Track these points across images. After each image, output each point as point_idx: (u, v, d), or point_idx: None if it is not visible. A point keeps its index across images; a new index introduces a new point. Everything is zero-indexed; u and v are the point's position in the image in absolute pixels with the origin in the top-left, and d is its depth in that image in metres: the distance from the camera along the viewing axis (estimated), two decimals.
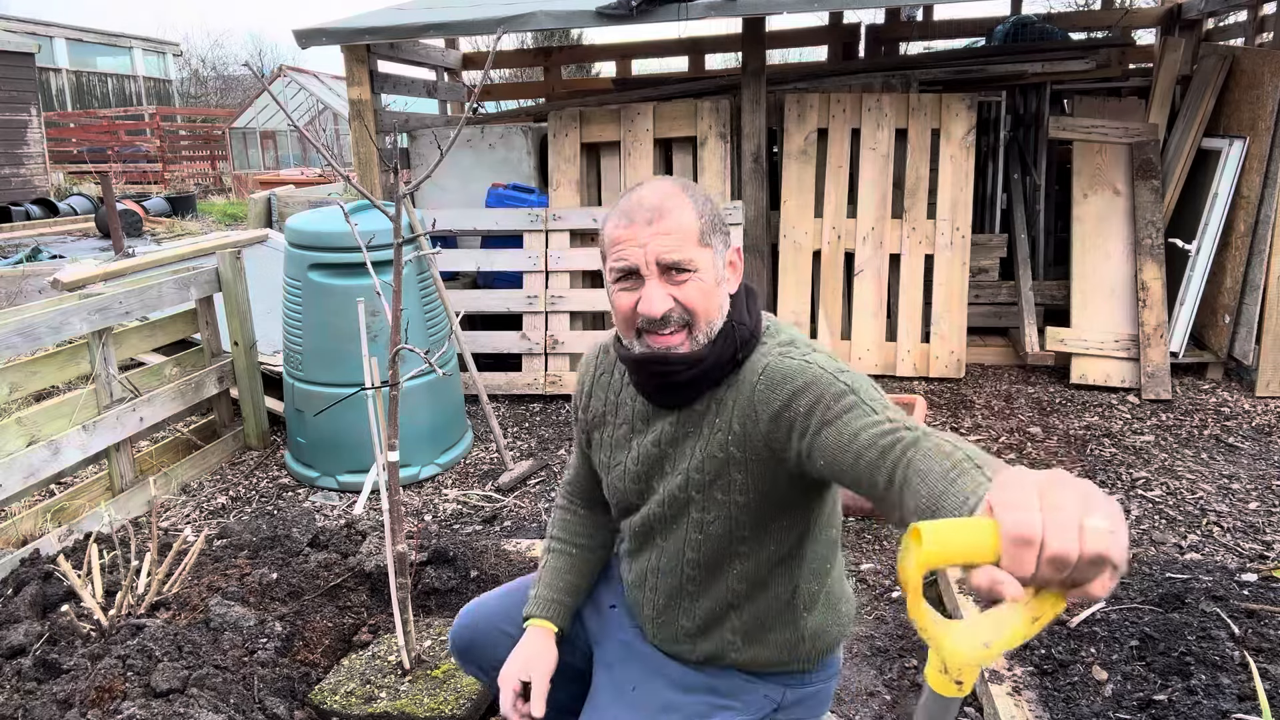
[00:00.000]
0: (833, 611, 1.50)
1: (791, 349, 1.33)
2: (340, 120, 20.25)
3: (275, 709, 2.00)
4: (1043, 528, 0.70)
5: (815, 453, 1.20)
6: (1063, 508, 0.71)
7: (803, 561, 1.43)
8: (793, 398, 1.25)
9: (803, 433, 1.23)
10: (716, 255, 1.34)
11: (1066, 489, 0.73)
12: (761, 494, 1.34)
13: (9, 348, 2.87)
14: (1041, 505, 0.71)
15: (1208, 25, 5.82)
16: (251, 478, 3.85)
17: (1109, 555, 0.70)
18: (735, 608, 1.44)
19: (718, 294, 1.34)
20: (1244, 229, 4.44)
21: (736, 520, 1.37)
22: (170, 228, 12.61)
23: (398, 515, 2.06)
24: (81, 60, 24.28)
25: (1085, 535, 0.70)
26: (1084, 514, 0.71)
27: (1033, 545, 0.70)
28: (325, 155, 1.83)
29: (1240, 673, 2.04)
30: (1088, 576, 0.71)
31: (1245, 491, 3.36)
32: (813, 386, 1.23)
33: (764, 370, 1.31)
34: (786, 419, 1.26)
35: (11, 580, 2.62)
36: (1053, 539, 0.70)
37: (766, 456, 1.31)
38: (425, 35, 4.65)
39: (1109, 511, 0.72)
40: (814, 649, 1.48)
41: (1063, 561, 0.70)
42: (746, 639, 1.46)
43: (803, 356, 1.29)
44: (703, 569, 1.43)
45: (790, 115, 4.94)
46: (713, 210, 1.35)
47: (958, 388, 4.64)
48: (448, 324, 3.85)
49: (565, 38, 16.56)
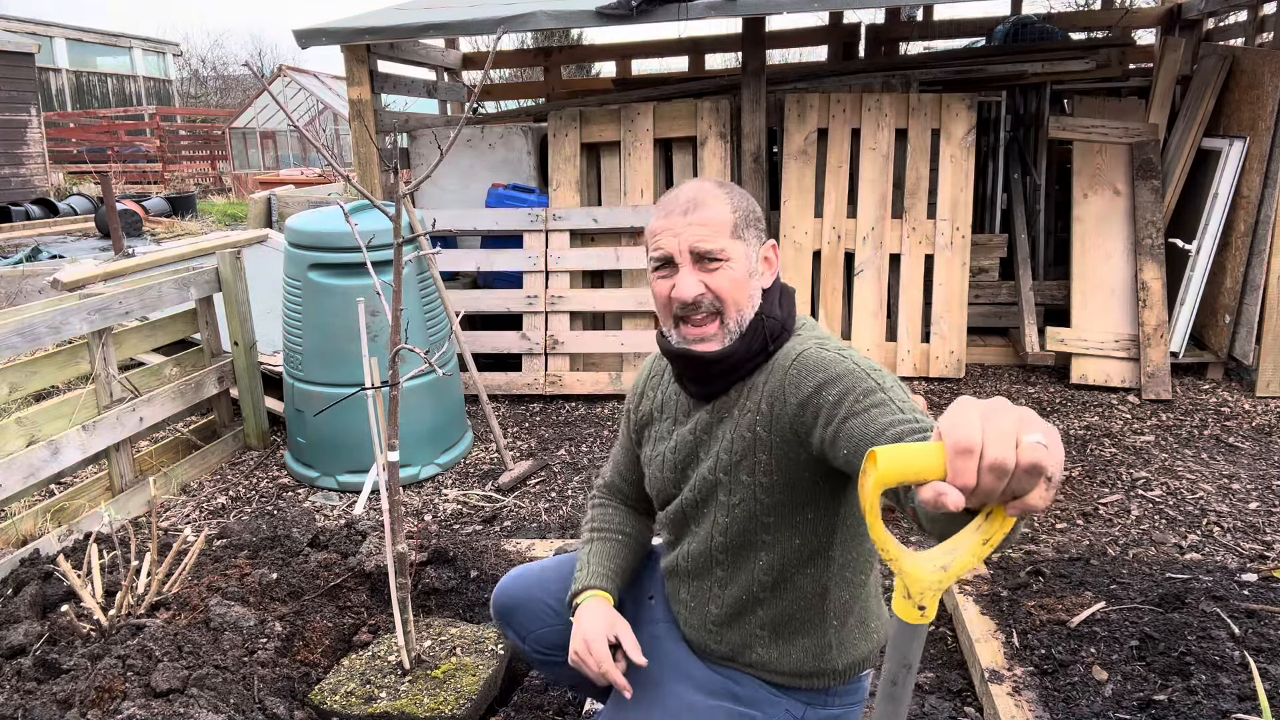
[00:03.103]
0: (864, 628, 1.49)
1: (826, 342, 1.38)
2: (340, 120, 20.25)
3: (275, 709, 1.99)
4: (982, 440, 0.77)
5: (840, 441, 1.22)
6: (1001, 424, 0.78)
7: (830, 563, 1.43)
8: (823, 386, 1.28)
9: (828, 421, 1.25)
10: (749, 248, 1.40)
11: (1006, 411, 0.80)
12: (785, 478, 1.37)
13: (9, 348, 2.86)
14: (982, 424, 0.78)
15: (1208, 25, 5.82)
16: (251, 478, 3.85)
17: (1043, 464, 0.76)
18: (761, 601, 1.45)
19: (749, 285, 1.40)
20: (1244, 229, 4.44)
21: (760, 503, 1.39)
22: (170, 228, 12.61)
23: (398, 515, 2.06)
24: (81, 60, 24.28)
25: (1021, 447, 0.76)
26: (1021, 431, 0.78)
27: (973, 454, 0.77)
28: (325, 155, 1.83)
29: (1240, 673, 2.04)
30: (1025, 487, 0.78)
31: (1245, 491, 3.35)
32: (844, 378, 1.27)
33: (798, 357, 1.35)
34: (814, 405, 1.29)
35: (11, 580, 2.61)
36: (991, 449, 0.76)
37: (791, 439, 1.34)
38: (425, 35, 4.65)
39: (1044, 429, 0.78)
40: (842, 663, 1.47)
41: (1001, 469, 0.76)
42: (773, 635, 1.46)
43: (837, 350, 1.34)
44: (729, 554, 1.45)
45: (790, 115, 4.94)
46: (748, 206, 1.43)
47: (958, 388, 4.64)
48: (448, 324, 3.85)
49: (565, 38, 16.56)
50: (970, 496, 0.78)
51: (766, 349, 1.40)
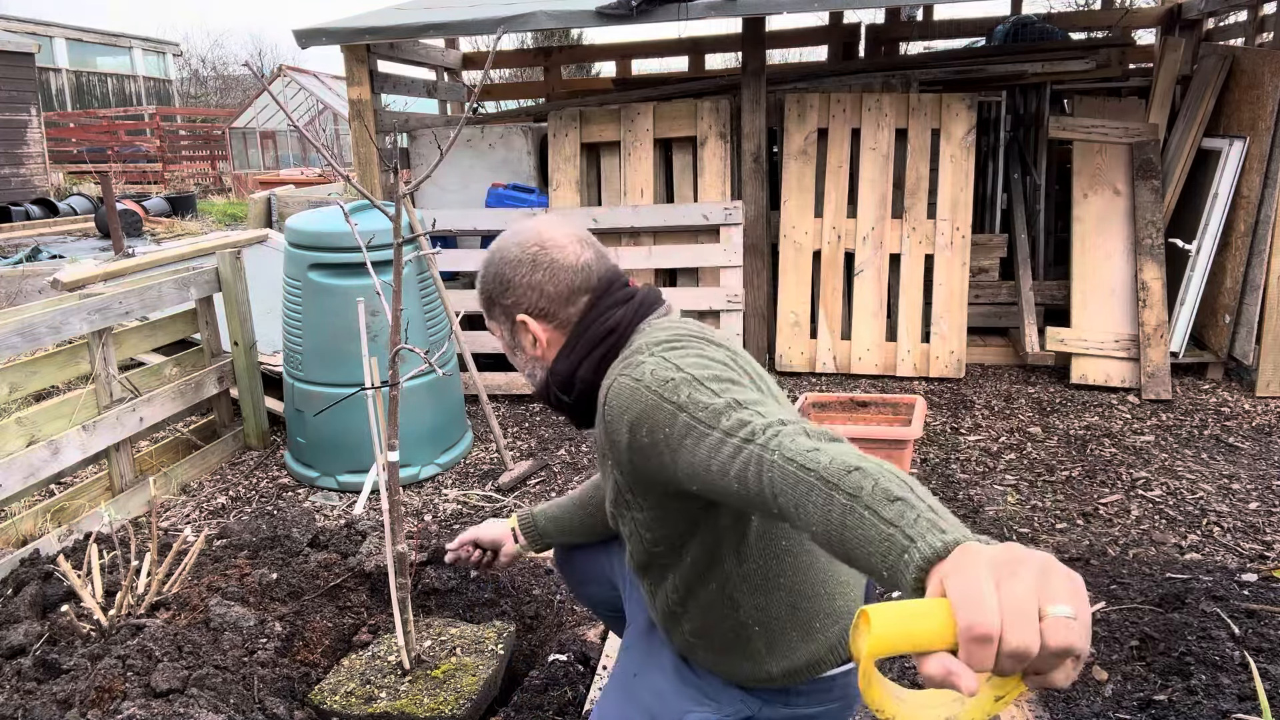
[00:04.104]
0: (802, 630, 1.40)
1: (634, 364, 1.26)
2: (340, 120, 20.25)
3: (275, 709, 1.99)
4: (1000, 623, 0.67)
5: (682, 479, 1.16)
6: (1019, 595, 0.67)
7: (729, 576, 1.38)
8: (633, 430, 1.21)
9: (658, 457, 1.19)
10: (501, 327, 1.49)
11: (1023, 571, 0.69)
12: (656, 511, 1.35)
13: (9, 348, 2.86)
14: (998, 593, 0.68)
15: (1208, 25, 5.82)
16: (251, 478, 3.85)
17: (1073, 647, 0.67)
18: (680, 615, 1.45)
19: (519, 359, 1.50)
20: (1244, 229, 4.44)
21: (644, 537, 1.40)
22: (170, 228, 12.61)
23: (398, 515, 2.06)
24: (81, 60, 24.28)
25: (1047, 627, 0.67)
26: (1044, 600, 0.67)
27: (991, 642, 0.67)
28: (325, 155, 1.83)
29: (1240, 673, 2.04)
30: (1050, 666, 0.68)
31: (1245, 491, 3.35)
32: (646, 416, 1.18)
33: (606, 399, 1.28)
34: (638, 447, 1.22)
35: (11, 580, 2.61)
36: (1011, 635, 0.66)
37: (643, 477, 1.29)
38: (425, 35, 4.65)
39: (1071, 591, 0.69)
40: (778, 668, 1.41)
41: (1023, 655, 0.67)
42: (704, 643, 1.45)
43: (634, 375, 1.23)
44: (642, 573, 1.49)
45: (790, 115, 4.94)
46: (491, 287, 1.45)
47: (958, 388, 4.64)
48: (448, 324, 3.85)
49: (565, 38, 16.56)
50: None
51: (569, 395, 1.42)
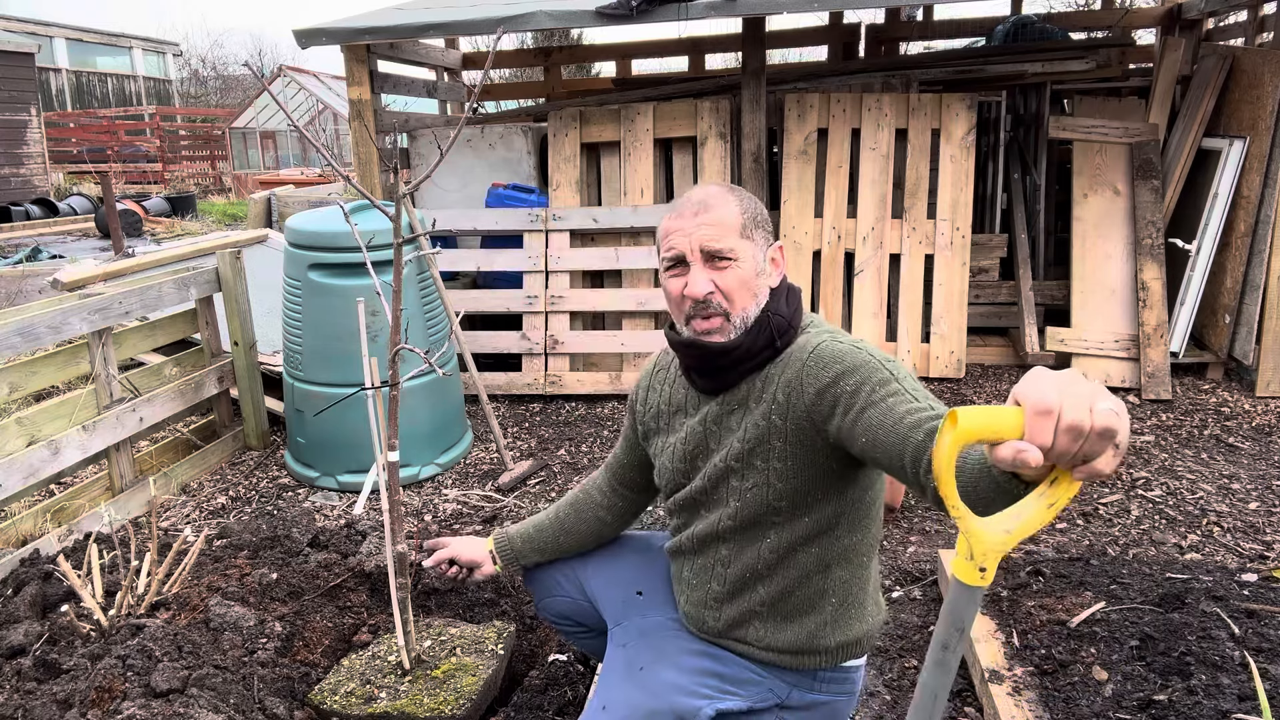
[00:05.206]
0: (860, 609, 1.55)
1: (839, 336, 1.45)
2: (340, 120, 20.27)
3: (275, 709, 1.99)
4: (1060, 402, 0.82)
5: (858, 430, 1.29)
6: (1077, 390, 0.84)
7: (836, 542, 1.49)
8: (841, 376, 1.36)
9: (847, 409, 1.32)
10: (757, 248, 1.48)
11: (1081, 380, 0.86)
12: (799, 464, 1.43)
13: (9, 348, 2.86)
14: (1059, 388, 0.84)
15: (1208, 25, 5.82)
16: (251, 478, 3.85)
17: (1115, 428, 0.82)
18: (764, 578, 1.52)
19: (756, 283, 1.47)
20: (1244, 229, 4.44)
21: (773, 488, 1.46)
22: (170, 228, 12.61)
23: (398, 515, 2.06)
24: (81, 60, 24.28)
25: (1095, 412, 0.82)
26: (1094, 400, 0.83)
27: (1051, 415, 0.82)
28: (325, 155, 1.83)
29: (1240, 673, 2.04)
30: (1096, 451, 0.83)
31: (1245, 491, 3.36)
32: (860, 369, 1.34)
33: (815, 349, 1.42)
34: (832, 395, 1.36)
35: (11, 580, 2.61)
36: (1069, 411, 0.82)
37: (807, 427, 1.40)
38: (425, 35, 4.65)
39: (1115, 401, 0.85)
40: (835, 640, 1.53)
41: (1077, 430, 0.82)
42: (771, 610, 1.53)
43: (852, 343, 1.41)
44: (737, 535, 1.52)
45: (790, 115, 4.94)
46: (756, 209, 1.51)
47: (958, 388, 4.64)
48: (448, 324, 3.85)
49: (565, 38, 16.55)
50: (1045, 456, 0.83)
51: (773, 344, 1.46)
